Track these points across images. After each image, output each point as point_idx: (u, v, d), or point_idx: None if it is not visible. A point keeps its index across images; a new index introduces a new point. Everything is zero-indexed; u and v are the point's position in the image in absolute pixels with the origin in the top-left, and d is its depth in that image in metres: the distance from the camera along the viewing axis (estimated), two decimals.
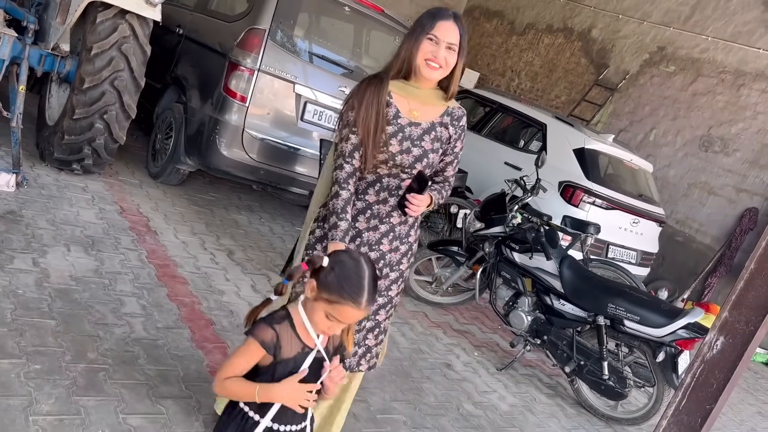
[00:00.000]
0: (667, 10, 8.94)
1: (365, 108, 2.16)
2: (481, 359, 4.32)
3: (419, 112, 2.23)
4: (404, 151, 2.18)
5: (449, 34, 2.13)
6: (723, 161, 7.96)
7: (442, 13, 2.17)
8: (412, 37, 2.16)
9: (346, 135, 2.20)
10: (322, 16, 5.03)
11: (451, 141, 2.31)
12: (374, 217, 2.24)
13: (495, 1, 11.30)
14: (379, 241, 2.27)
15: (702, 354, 1.81)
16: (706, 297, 7.67)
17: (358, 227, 2.25)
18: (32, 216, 3.72)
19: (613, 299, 3.82)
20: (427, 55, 2.13)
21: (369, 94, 2.17)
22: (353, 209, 2.23)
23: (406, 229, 2.32)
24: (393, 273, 2.31)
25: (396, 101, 2.21)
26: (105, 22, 4.13)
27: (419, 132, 2.22)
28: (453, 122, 2.29)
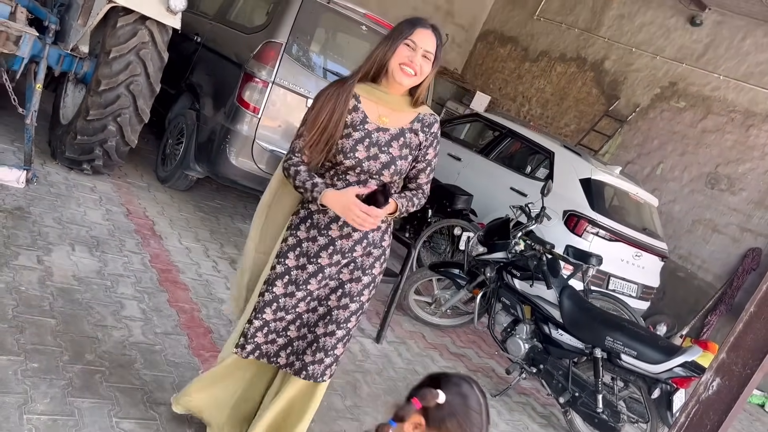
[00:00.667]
0: (681, 47, 9.01)
1: (323, 104, 2.14)
2: None
3: (388, 118, 2.20)
4: (371, 158, 2.15)
5: (427, 42, 2.12)
6: (729, 200, 7.97)
7: (421, 22, 2.16)
8: (388, 41, 2.14)
9: (301, 133, 2.20)
10: (338, 32, 5.09)
11: (422, 148, 2.26)
12: (347, 224, 2.20)
13: (510, 27, 11.39)
14: (353, 248, 2.25)
15: (697, 394, 1.81)
16: (705, 335, 7.64)
17: (331, 235, 2.22)
18: (40, 213, 3.75)
19: (612, 332, 3.82)
20: (402, 59, 2.11)
21: (332, 93, 2.15)
22: (326, 217, 2.22)
23: (380, 234, 2.29)
24: (366, 277, 2.29)
25: (364, 106, 2.19)
26: (125, 26, 4.19)
27: (387, 138, 2.18)
28: (423, 129, 2.25)
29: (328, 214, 2.21)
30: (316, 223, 2.25)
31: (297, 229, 2.27)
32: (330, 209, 2.16)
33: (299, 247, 2.25)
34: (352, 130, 2.16)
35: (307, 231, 2.26)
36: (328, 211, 2.19)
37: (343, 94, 2.14)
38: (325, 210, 2.20)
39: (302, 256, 2.25)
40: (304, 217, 2.27)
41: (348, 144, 2.15)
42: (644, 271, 6.25)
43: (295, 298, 2.25)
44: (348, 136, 2.16)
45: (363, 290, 2.29)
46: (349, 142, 2.15)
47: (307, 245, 2.25)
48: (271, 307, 2.26)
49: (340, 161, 2.16)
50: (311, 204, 2.23)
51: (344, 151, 2.15)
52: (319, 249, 2.23)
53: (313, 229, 2.25)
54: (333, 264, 2.24)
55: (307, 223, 2.26)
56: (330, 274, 2.25)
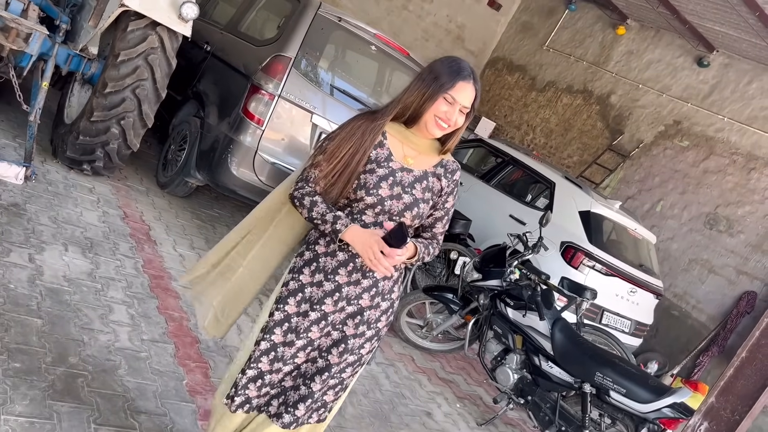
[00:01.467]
0: (687, 86, 9.06)
1: (347, 136, 2.01)
2: (463, 411, 4.26)
3: (414, 159, 2.09)
4: (395, 197, 2.02)
5: (467, 98, 2.01)
6: (726, 241, 7.96)
7: (463, 72, 2.01)
8: (426, 88, 2.01)
9: (318, 162, 2.05)
10: (347, 51, 5.12)
11: (443, 194, 2.14)
12: (357, 270, 2.05)
13: (519, 56, 11.47)
14: (360, 296, 2.08)
15: None
16: (696, 375, 7.59)
17: (338, 281, 2.06)
18: (35, 211, 3.74)
19: (602, 368, 3.79)
20: (439, 114, 2.00)
21: (358, 127, 2.03)
22: (333, 261, 2.06)
23: (390, 284, 2.13)
24: (369, 330, 2.13)
25: (390, 144, 2.08)
26: (135, 31, 4.21)
27: (411, 179, 2.06)
28: (446, 174, 2.14)
29: (336, 258, 2.06)
30: (322, 267, 2.08)
31: (300, 272, 2.10)
32: (345, 249, 2.03)
33: (302, 293, 2.09)
34: (376, 166, 2.03)
35: (311, 275, 2.09)
36: (337, 254, 2.05)
37: (371, 132, 2.02)
38: (334, 253, 2.06)
39: (305, 302, 2.09)
40: (309, 259, 2.10)
41: (371, 180, 2.01)
42: (638, 307, 6.22)
43: (295, 347, 2.10)
44: (371, 171, 2.03)
45: (365, 344, 2.14)
46: (372, 178, 2.01)
47: (311, 290, 2.08)
48: (268, 357, 2.11)
49: (360, 197, 2.02)
50: (318, 245, 2.08)
51: (367, 187, 2.01)
52: (324, 295, 2.07)
53: (319, 273, 2.08)
54: (338, 311, 2.08)
55: (312, 267, 2.09)
56: (333, 322, 2.09)
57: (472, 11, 11.52)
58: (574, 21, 10.87)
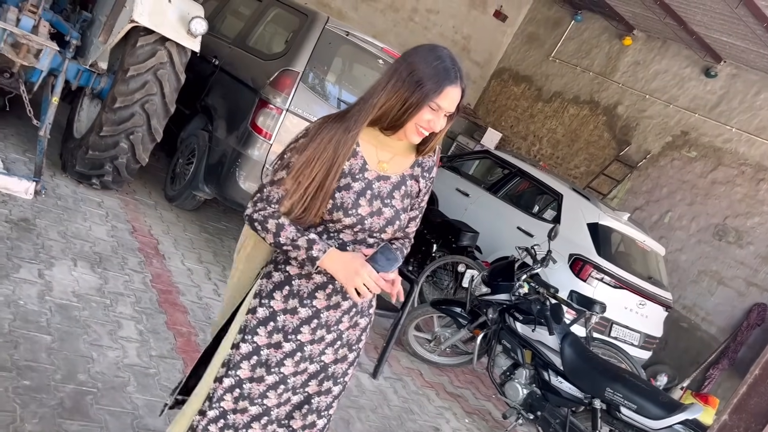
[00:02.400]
0: (694, 97, 9.04)
1: (321, 154, 1.73)
2: (472, 427, 4.24)
3: (389, 163, 1.85)
4: (375, 213, 1.79)
5: (453, 104, 1.77)
6: (736, 253, 7.91)
7: (451, 76, 1.74)
8: (408, 94, 1.72)
9: (280, 179, 1.76)
10: (355, 64, 5.13)
11: (420, 195, 1.93)
12: (336, 292, 1.84)
13: (525, 66, 11.48)
14: (340, 319, 1.88)
15: None
16: (706, 388, 7.52)
17: (316, 306, 1.83)
18: (45, 226, 3.75)
19: (612, 384, 3.76)
20: (422, 123, 1.76)
21: (329, 140, 1.74)
22: (310, 283, 1.83)
23: (368, 300, 1.94)
24: (352, 353, 1.94)
25: (363, 150, 1.82)
26: (145, 46, 4.24)
27: (388, 188, 1.83)
28: (423, 174, 1.92)
29: (312, 280, 1.82)
30: (296, 291, 1.82)
31: (270, 297, 1.83)
32: (321, 274, 1.81)
33: (273, 321, 1.82)
34: (351, 180, 1.78)
35: (284, 300, 1.82)
36: (313, 276, 1.81)
37: (345, 145, 1.75)
38: (309, 275, 1.81)
39: (277, 331, 1.82)
40: (279, 282, 1.83)
41: (349, 198, 1.76)
42: (647, 320, 6.18)
43: (264, 383, 1.84)
44: (347, 187, 1.77)
45: (348, 369, 1.95)
46: (350, 196, 1.76)
47: (284, 318, 1.82)
48: (232, 394, 1.82)
49: (337, 219, 1.77)
50: (290, 265, 1.83)
51: (345, 207, 1.76)
52: (300, 323, 1.83)
53: (293, 298, 1.82)
54: (316, 341, 1.85)
55: (284, 291, 1.83)
56: (311, 355, 1.86)
57: (478, 22, 11.55)
58: (581, 32, 10.88)
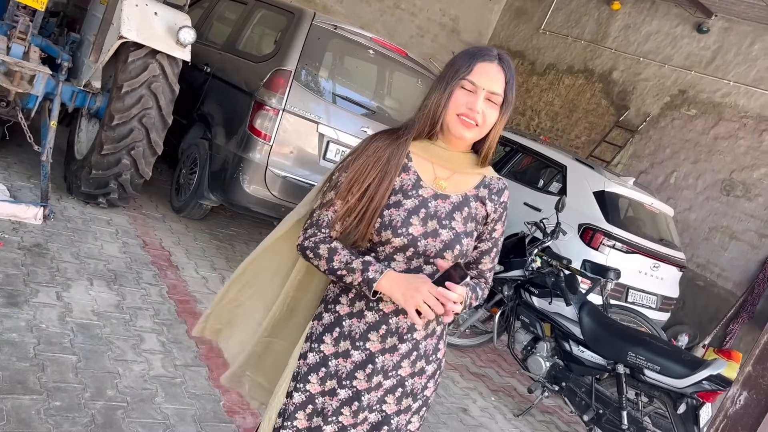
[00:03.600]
0: (689, 54, 8.98)
1: (372, 166, 1.61)
2: (498, 404, 4.26)
3: (448, 181, 1.66)
4: (429, 234, 1.60)
5: (492, 81, 1.57)
6: (745, 206, 7.88)
7: (483, 53, 1.60)
8: (441, 83, 1.61)
9: (329, 201, 1.65)
10: (346, 57, 5.13)
11: (489, 222, 1.71)
12: (392, 333, 1.64)
13: (516, 42, 11.43)
14: (398, 364, 1.66)
15: (725, 408, 1.78)
16: (728, 343, 7.52)
17: (370, 349, 1.64)
18: (57, 249, 3.79)
19: (634, 348, 3.78)
20: (460, 109, 1.58)
21: (380, 149, 1.63)
22: (361, 323, 1.65)
23: (434, 342, 1.71)
24: (416, 402, 1.72)
25: (416, 166, 1.66)
26: (136, 61, 4.25)
27: (448, 208, 1.64)
28: (492, 196, 1.71)
29: (364, 319, 1.64)
30: (348, 333, 1.66)
31: (320, 341, 1.68)
32: (375, 308, 1.64)
33: (325, 367, 1.66)
34: (402, 197, 1.61)
35: (335, 344, 1.66)
36: (365, 314, 1.64)
37: (397, 154, 1.62)
38: (361, 313, 1.65)
39: (330, 377, 1.66)
40: (330, 324, 1.68)
41: (399, 216, 1.59)
42: (663, 282, 6.19)
43: None
44: (398, 205, 1.60)
45: (412, 418, 1.73)
46: (399, 213, 1.59)
47: (336, 363, 1.66)
48: None
49: (386, 239, 1.60)
50: (339, 304, 1.68)
51: (393, 226, 1.59)
52: (354, 368, 1.65)
53: (345, 340, 1.66)
54: (373, 388, 1.66)
55: (334, 333, 1.67)
56: (369, 404, 1.66)
57: (464, 2, 11.49)
58: (568, 1, 10.82)
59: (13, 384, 2.54)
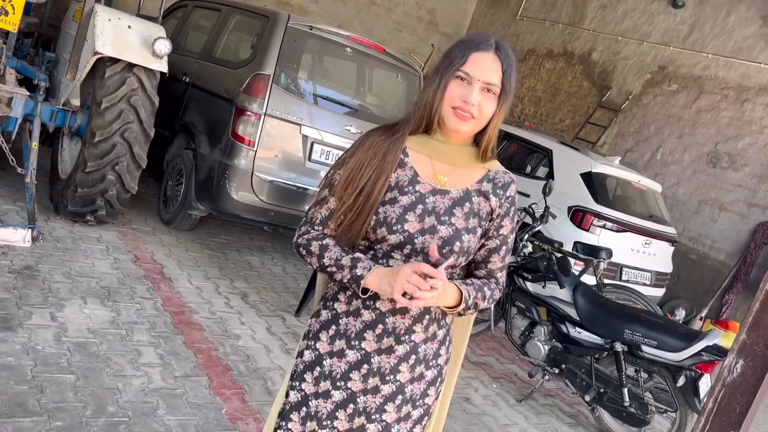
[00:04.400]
0: (666, 30, 9.03)
1: (369, 161, 1.57)
2: (501, 391, 4.29)
3: (448, 176, 1.60)
4: (427, 231, 1.54)
5: (487, 71, 1.52)
6: (732, 177, 7.94)
7: (478, 41, 1.55)
8: (437, 75, 1.56)
9: (324, 198, 1.62)
10: (324, 57, 5.13)
11: (495, 218, 1.63)
12: (388, 333, 1.58)
13: (495, 30, 11.45)
14: (396, 368, 1.59)
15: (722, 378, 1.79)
16: (725, 314, 7.58)
17: (365, 348, 1.58)
18: (48, 270, 3.77)
19: (630, 325, 3.80)
20: (455, 101, 1.53)
21: (376, 144, 1.59)
22: (357, 321, 1.60)
23: (435, 347, 1.64)
24: (416, 410, 1.64)
25: (413, 161, 1.60)
26: (113, 76, 4.24)
27: (447, 203, 1.58)
28: (496, 191, 1.63)
29: (360, 317, 1.59)
30: (343, 331, 1.60)
31: (316, 339, 1.63)
32: (371, 306, 1.58)
33: (319, 366, 1.61)
34: (398, 193, 1.57)
35: (330, 342, 1.61)
36: (361, 312, 1.59)
37: (393, 149, 1.58)
38: (357, 311, 1.59)
39: (324, 378, 1.60)
40: (326, 321, 1.63)
41: (394, 212, 1.54)
42: (656, 258, 6.23)
43: None
44: (393, 201, 1.56)
45: (414, 428, 1.66)
46: (395, 210, 1.55)
47: (331, 363, 1.60)
48: None
49: (382, 236, 1.55)
50: (338, 301, 1.63)
51: (388, 223, 1.54)
52: (349, 368, 1.59)
53: (340, 338, 1.60)
54: (370, 391, 1.59)
55: (330, 331, 1.62)
56: (366, 408, 1.59)
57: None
58: None
59: (13, 407, 2.53)
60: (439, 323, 1.63)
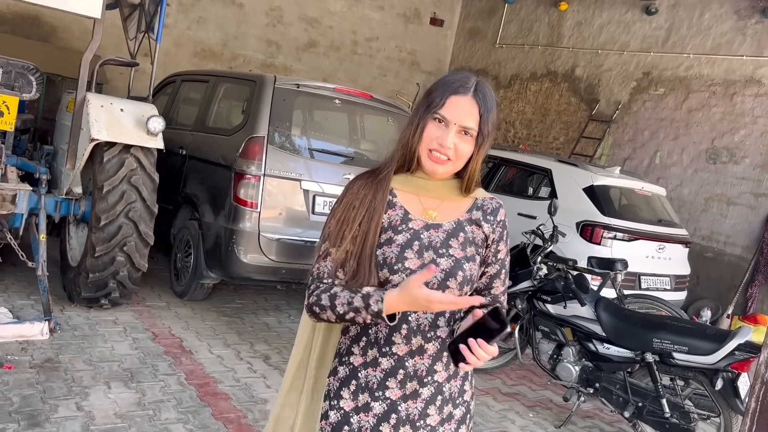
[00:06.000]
0: (644, 37, 9.16)
1: (359, 205, 1.59)
2: (538, 419, 4.20)
3: (437, 210, 1.61)
4: (428, 265, 1.49)
5: (464, 116, 1.53)
6: (734, 170, 7.93)
7: (457, 85, 1.55)
8: (416, 116, 1.58)
9: (325, 252, 1.60)
10: (314, 111, 5.21)
11: (490, 244, 1.64)
12: (411, 377, 1.55)
13: (476, 61, 11.63)
14: (424, 412, 1.56)
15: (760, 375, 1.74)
16: (751, 308, 7.47)
17: (390, 397, 1.55)
18: (69, 359, 3.76)
19: (657, 333, 3.74)
20: (431, 144, 1.54)
21: (363, 186, 1.61)
22: (377, 371, 1.56)
23: (459, 383, 1.62)
24: None
25: (402, 200, 1.61)
26: (112, 159, 4.31)
27: (442, 236, 1.58)
28: (487, 218, 1.64)
29: (380, 367, 1.55)
30: (365, 384, 1.56)
31: (338, 397, 1.58)
32: (389, 353, 1.55)
33: (347, 425, 1.56)
34: (392, 233, 1.57)
35: (353, 398, 1.57)
36: (379, 361, 1.55)
37: (380, 189, 1.59)
38: (375, 361, 1.56)
39: None
40: (345, 377, 1.59)
41: (392, 252, 1.54)
42: (672, 261, 6.18)
43: None
44: (389, 242, 1.56)
45: None
46: (392, 250, 1.55)
47: (358, 419, 1.56)
48: None
49: (385, 278, 1.54)
50: (352, 355, 1.59)
51: (389, 264, 1.54)
52: (377, 421, 1.55)
53: (363, 392, 1.56)
54: None
55: (351, 386, 1.58)
56: None
57: (418, 35, 11.74)
58: (517, 12, 11.06)
59: None
60: None
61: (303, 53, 10.67)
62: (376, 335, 1.55)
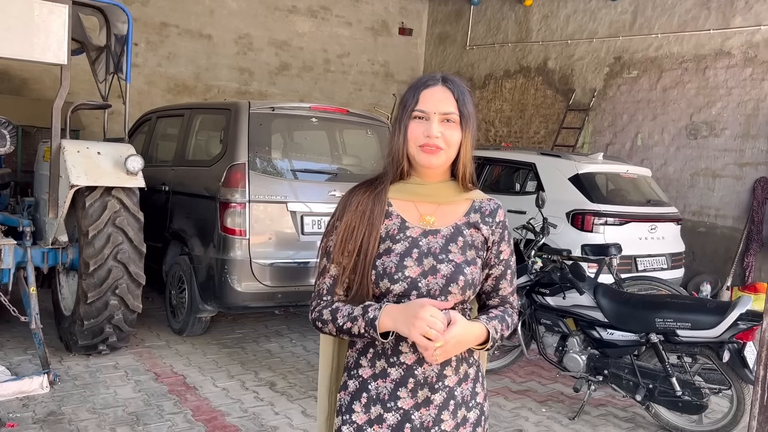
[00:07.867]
0: (611, 23, 9.24)
1: (360, 219, 1.59)
2: (551, 413, 4.17)
3: (434, 216, 1.61)
4: (429, 272, 1.54)
5: (440, 103, 1.55)
6: (715, 143, 7.98)
7: (424, 80, 1.61)
8: (397, 123, 1.60)
9: (325, 268, 1.62)
10: (293, 132, 5.20)
11: (490, 245, 1.63)
12: (422, 385, 1.54)
13: (448, 65, 11.69)
14: (438, 418, 1.55)
15: (765, 341, 1.73)
16: (749, 278, 7.49)
17: (403, 407, 1.54)
18: (72, 410, 3.70)
19: (659, 313, 3.74)
20: (419, 140, 1.55)
21: (359, 204, 1.61)
22: (387, 382, 1.56)
23: (470, 386, 1.61)
24: None
25: (397, 208, 1.62)
26: (94, 203, 4.27)
27: (441, 242, 1.58)
28: (485, 219, 1.63)
29: (389, 377, 1.55)
30: (376, 396, 1.56)
31: (350, 411, 1.58)
32: (396, 363, 1.56)
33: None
34: (390, 243, 1.58)
35: (365, 410, 1.56)
36: (388, 372, 1.55)
37: (378, 203, 1.60)
38: (384, 372, 1.56)
39: None
40: (356, 391, 1.59)
41: (391, 262, 1.55)
42: (665, 240, 6.19)
43: None
44: (388, 251, 1.56)
45: None
46: (392, 260, 1.55)
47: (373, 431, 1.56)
48: None
49: (386, 289, 1.54)
50: (361, 367, 1.59)
51: (389, 273, 1.53)
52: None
53: (374, 404, 1.56)
54: None
55: (362, 399, 1.57)
56: None
57: (388, 46, 11.80)
58: (483, 12, 11.14)
59: None
60: (468, 362, 1.60)
61: (276, 77, 10.69)
62: (383, 346, 1.55)
